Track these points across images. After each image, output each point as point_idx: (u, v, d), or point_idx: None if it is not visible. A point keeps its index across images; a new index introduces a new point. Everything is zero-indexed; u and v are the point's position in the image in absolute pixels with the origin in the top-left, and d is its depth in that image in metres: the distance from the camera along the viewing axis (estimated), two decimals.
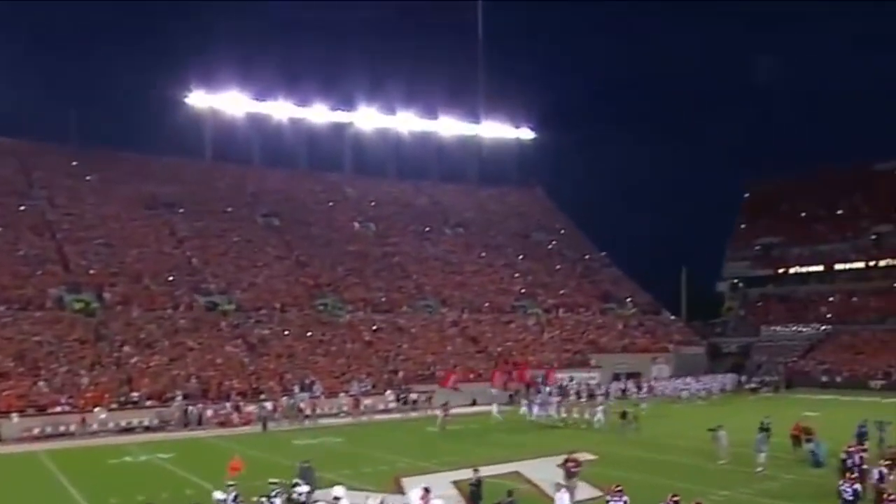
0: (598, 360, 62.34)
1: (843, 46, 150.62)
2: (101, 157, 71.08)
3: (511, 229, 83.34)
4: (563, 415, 41.38)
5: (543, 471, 24.94)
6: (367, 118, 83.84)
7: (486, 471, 22.34)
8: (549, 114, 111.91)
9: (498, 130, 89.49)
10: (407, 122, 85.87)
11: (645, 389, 56.73)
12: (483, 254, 76.70)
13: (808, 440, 28.47)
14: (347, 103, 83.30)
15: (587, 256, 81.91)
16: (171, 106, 76.97)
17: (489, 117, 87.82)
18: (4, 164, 65.06)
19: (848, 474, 20.80)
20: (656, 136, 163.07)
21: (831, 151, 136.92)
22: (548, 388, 50.82)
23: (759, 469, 25.92)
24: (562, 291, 73.09)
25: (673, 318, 74.27)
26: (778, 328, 74.33)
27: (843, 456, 23.76)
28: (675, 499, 16.85)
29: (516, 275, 74.09)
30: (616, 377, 60.44)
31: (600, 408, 39.68)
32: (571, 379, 56.96)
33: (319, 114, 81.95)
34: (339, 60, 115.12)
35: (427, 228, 78.28)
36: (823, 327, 72.18)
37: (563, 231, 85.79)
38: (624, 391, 56.69)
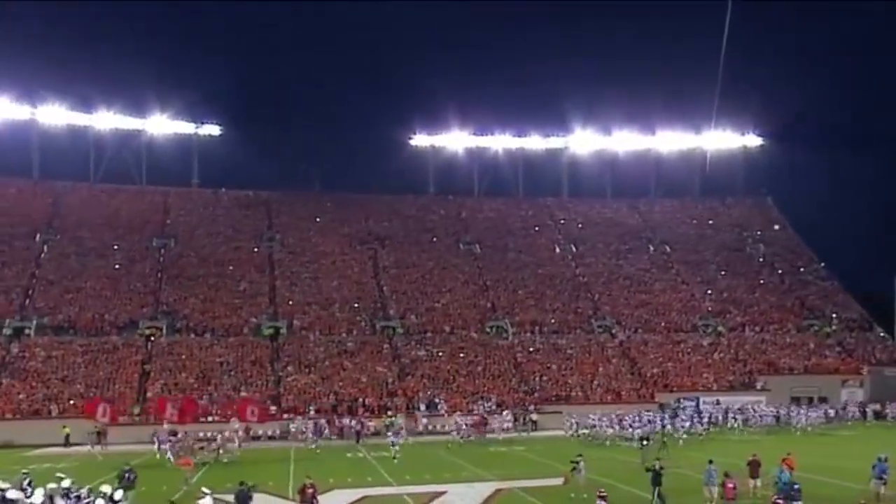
0: (770, 383, 59.55)
1: None
2: (333, 200, 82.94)
3: (722, 243, 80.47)
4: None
5: None
6: (583, 141, 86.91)
7: None
8: (780, 118, 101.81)
9: (721, 140, 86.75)
10: (623, 141, 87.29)
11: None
12: (680, 270, 75.62)
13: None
14: (563, 128, 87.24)
15: (801, 269, 76.40)
16: (397, 147, 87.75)
17: (712, 126, 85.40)
18: (254, 214, 79.37)
19: None
20: None
21: None
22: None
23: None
24: (756, 308, 69.80)
25: (883, 335, 66.92)
26: None
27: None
28: None
29: (709, 291, 72.14)
30: (795, 401, 57.51)
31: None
32: (718, 402, 55.60)
33: (535, 142, 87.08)
34: (553, 87, 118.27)
35: (627, 247, 79.07)
36: None
37: (781, 243, 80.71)
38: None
